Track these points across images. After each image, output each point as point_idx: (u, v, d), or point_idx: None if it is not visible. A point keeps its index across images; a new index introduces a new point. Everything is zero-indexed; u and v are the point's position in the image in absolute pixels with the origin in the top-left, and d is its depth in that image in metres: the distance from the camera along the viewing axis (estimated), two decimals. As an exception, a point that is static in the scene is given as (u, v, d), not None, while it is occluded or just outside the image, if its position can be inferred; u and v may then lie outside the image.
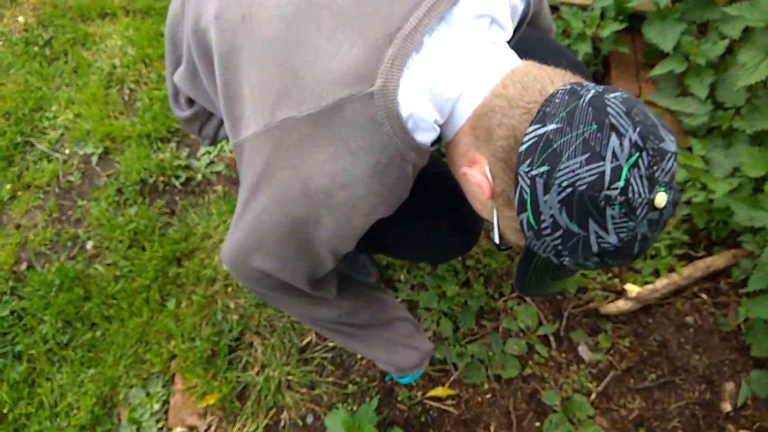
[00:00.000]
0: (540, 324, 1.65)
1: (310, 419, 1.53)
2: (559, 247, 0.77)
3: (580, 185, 0.71)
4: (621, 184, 0.70)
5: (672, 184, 0.73)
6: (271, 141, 0.84)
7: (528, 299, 1.68)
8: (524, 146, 0.75)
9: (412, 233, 1.11)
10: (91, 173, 1.99)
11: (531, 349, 1.61)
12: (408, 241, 1.17)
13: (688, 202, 1.75)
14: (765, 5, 1.59)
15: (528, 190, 0.75)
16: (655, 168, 0.71)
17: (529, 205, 0.76)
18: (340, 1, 0.81)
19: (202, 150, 2.01)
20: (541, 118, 0.74)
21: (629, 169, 0.70)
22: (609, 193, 0.70)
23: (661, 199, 0.71)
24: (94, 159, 2.00)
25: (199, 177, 1.95)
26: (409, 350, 1.25)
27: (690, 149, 1.80)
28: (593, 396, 1.54)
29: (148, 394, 1.57)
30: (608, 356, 1.60)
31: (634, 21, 2.06)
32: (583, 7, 2.10)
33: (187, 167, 1.97)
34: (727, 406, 1.52)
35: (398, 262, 1.74)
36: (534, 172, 0.73)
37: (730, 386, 1.54)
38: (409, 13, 0.79)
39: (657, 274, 1.68)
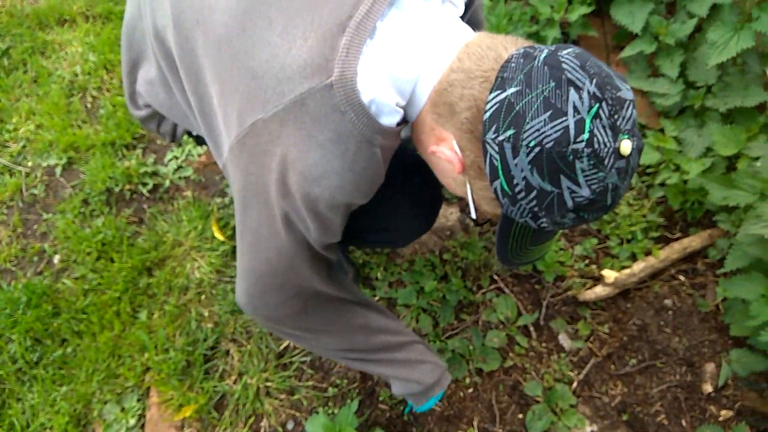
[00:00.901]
0: (519, 315, 1.63)
1: (290, 425, 1.51)
2: (536, 209, 0.79)
3: (547, 143, 0.72)
4: (586, 136, 0.71)
5: (634, 131, 0.75)
6: (245, 150, 0.85)
7: (507, 290, 1.66)
8: (487, 114, 0.76)
9: (374, 213, 1.10)
10: (55, 185, 1.94)
11: (511, 341, 1.59)
12: (370, 223, 1.15)
13: (663, 184, 1.74)
14: (731, -18, 1.57)
15: (497, 156, 0.76)
16: (616, 117, 0.73)
17: (500, 171, 0.77)
18: None
19: (169, 155, 1.96)
20: (500, 83, 0.76)
21: (591, 121, 0.72)
22: (575, 146, 0.72)
23: (626, 146, 0.73)
24: (58, 170, 1.95)
25: (167, 183, 1.91)
26: (427, 365, 1.23)
27: (662, 131, 1.78)
28: (575, 384, 1.53)
29: (123, 409, 1.53)
30: (588, 343, 1.59)
31: (602, 3, 2.04)
32: (550, -8, 2.07)
33: (155, 174, 1.93)
34: (708, 387, 1.51)
35: (374, 259, 1.72)
36: (501, 138, 0.75)
37: (710, 367, 1.54)
38: (359, 1, 0.79)
39: (634, 258, 1.67)
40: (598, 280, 1.65)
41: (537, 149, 0.73)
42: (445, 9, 0.88)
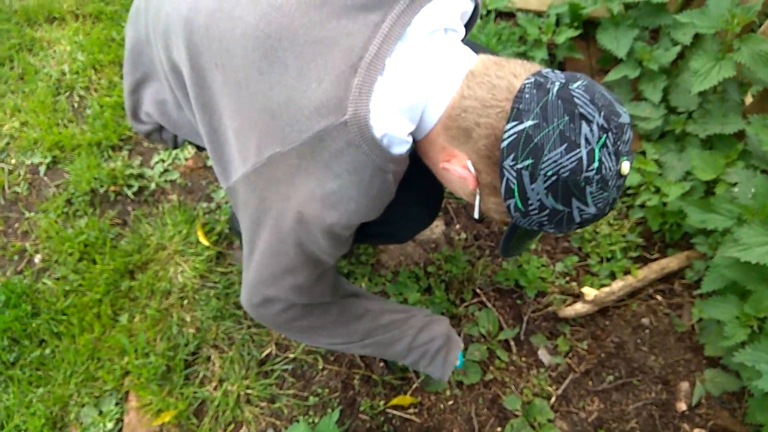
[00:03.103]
0: (501, 329, 1.65)
1: (270, 433, 1.51)
2: (545, 222, 0.88)
3: (563, 173, 0.81)
4: (596, 165, 0.81)
5: (629, 150, 0.85)
6: (262, 178, 0.91)
7: (489, 304, 1.69)
8: (505, 142, 0.83)
9: None
10: (38, 184, 1.92)
11: (492, 354, 1.61)
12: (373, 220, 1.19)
13: (643, 206, 1.78)
14: (714, 13, 1.63)
15: (515, 180, 0.84)
16: (618, 143, 0.82)
17: (516, 193, 0.86)
18: (302, 40, 0.86)
19: (156, 158, 1.96)
20: (516, 115, 0.82)
21: (600, 150, 0.81)
22: (587, 174, 0.81)
23: (625, 167, 0.84)
24: (42, 169, 1.93)
25: (153, 186, 1.90)
26: (434, 322, 1.31)
27: (644, 153, 1.83)
28: (553, 399, 1.55)
29: (100, 413, 1.51)
30: (567, 359, 1.61)
31: (589, 27, 2.09)
32: (539, 14, 2.12)
33: (140, 176, 1.92)
34: (682, 406, 1.54)
35: (359, 270, 1.73)
36: (519, 166, 0.83)
37: (685, 386, 1.57)
38: (368, 42, 0.85)
39: (613, 276, 1.70)
40: (578, 297, 1.68)
41: (554, 178, 0.81)
42: (448, 37, 0.93)
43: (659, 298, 1.71)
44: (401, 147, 0.91)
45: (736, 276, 1.45)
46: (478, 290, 1.71)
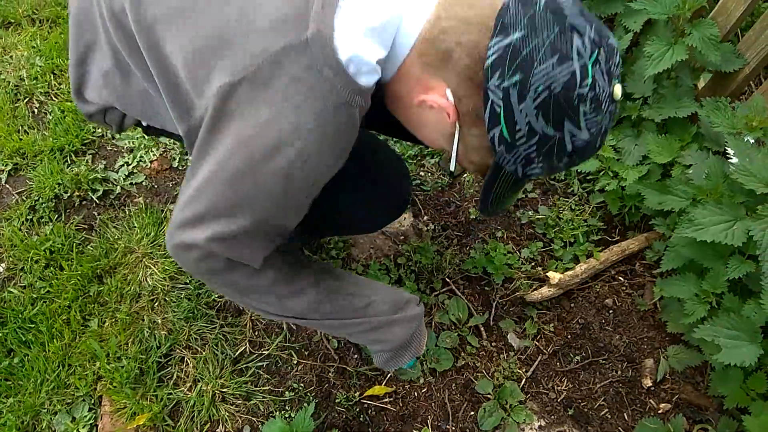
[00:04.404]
0: (470, 316, 1.69)
1: (246, 430, 1.51)
2: (533, 155, 0.80)
3: (555, 87, 0.73)
4: (589, 80, 0.74)
5: (619, 75, 0.79)
6: (213, 118, 0.81)
7: (458, 292, 1.72)
8: (490, 59, 0.75)
9: (346, 200, 1.08)
10: (0, 191, 1.89)
11: (463, 341, 1.65)
12: (343, 209, 1.13)
13: (602, 190, 1.83)
14: (666, -1, 1.68)
15: (500, 102, 0.76)
16: (610, 63, 0.75)
17: (502, 118, 0.77)
18: None
19: (120, 161, 1.94)
20: (501, 29, 0.74)
21: (592, 66, 0.74)
22: (581, 91, 0.74)
23: (618, 90, 0.77)
24: (3, 176, 1.90)
25: (118, 190, 1.88)
26: (396, 326, 1.16)
27: (603, 139, 1.88)
28: (523, 381, 1.59)
29: (73, 420, 1.50)
30: (535, 342, 1.66)
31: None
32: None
33: (105, 180, 1.90)
34: (648, 382, 1.60)
35: (330, 263, 1.74)
36: (506, 84, 0.75)
37: (649, 362, 1.63)
38: None
39: (576, 260, 1.75)
40: (544, 281, 1.72)
41: (545, 94, 0.74)
42: None
43: (621, 279, 1.76)
44: (369, 77, 0.80)
45: (693, 254, 1.50)
46: (447, 279, 1.74)
